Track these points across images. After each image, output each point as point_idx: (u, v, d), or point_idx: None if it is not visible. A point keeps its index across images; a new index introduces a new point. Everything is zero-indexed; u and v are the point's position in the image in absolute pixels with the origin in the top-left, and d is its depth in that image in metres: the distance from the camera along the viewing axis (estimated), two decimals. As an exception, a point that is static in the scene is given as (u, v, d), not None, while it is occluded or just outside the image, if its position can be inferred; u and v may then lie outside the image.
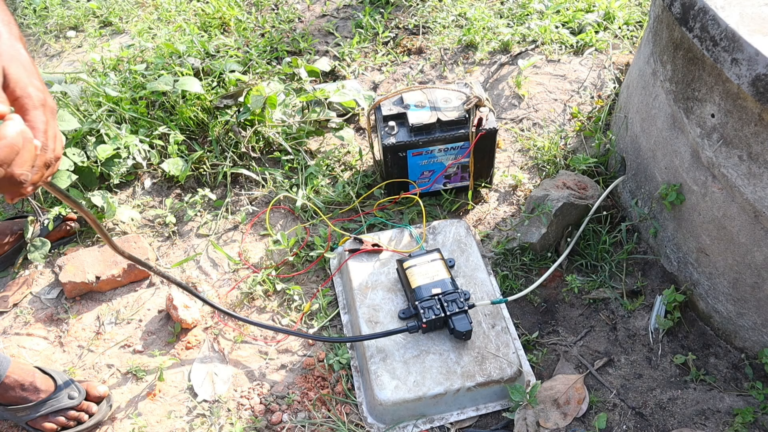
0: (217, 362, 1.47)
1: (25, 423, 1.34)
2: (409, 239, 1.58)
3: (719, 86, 1.21)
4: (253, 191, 1.84)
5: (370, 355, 1.34)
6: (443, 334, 1.37)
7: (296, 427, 1.34)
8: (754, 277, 1.28)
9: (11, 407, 1.31)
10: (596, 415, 1.32)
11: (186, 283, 1.60)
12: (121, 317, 1.58)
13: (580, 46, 2.20)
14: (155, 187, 1.88)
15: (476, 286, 1.46)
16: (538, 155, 1.87)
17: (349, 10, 2.52)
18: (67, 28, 2.59)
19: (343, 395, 1.39)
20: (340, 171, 1.86)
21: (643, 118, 1.57)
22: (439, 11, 2.43)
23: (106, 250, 1.65)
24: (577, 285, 1.55)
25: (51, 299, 1.63)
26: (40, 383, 1.34)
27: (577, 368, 1.42)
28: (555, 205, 1.54)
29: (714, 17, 1.14)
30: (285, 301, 1.58)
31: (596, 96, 2.04)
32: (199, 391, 1.42)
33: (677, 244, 1.48)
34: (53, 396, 1.34)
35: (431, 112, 1.62)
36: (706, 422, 1.31)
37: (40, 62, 2.46)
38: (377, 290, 1.47)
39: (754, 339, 1.36)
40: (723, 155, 1.23)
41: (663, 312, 1.46)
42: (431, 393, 1.29)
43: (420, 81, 2.17)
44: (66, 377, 1.38)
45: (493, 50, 2.24)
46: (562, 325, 1.51)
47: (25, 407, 1.31)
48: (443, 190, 1.75)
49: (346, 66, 2.24)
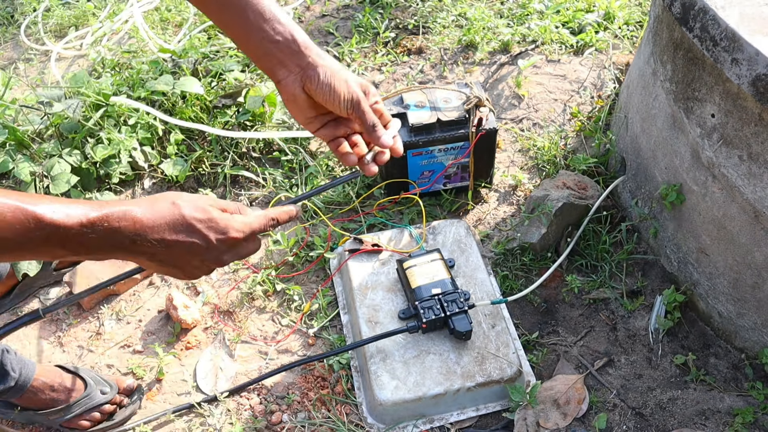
0: (226, 357, 1.47)
1: (59, 425, 1.32)
2: (409, 239, 1.58)
3: (719, 86, 1.21)
4: (253, 191, 1.84)
5: (370, 355, 1.34)
6: (443, 334, 1.37)
7: (296, 428, 1.34)
8: (754, 278, 1.28)
9: (43, 411, 1.28)
10: (596, 416, 1.32)
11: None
12: (121, 317, 1.58)
13: (580, 46, 2.20)
14: (155, 187, 1.88)
15: (476, 286, 1.46)
16: (538, 155, 1.87)
17: (349, 10, 2.52)
18: (66, 28, 2.59)
19: (343, 395, 1.39)
20: (340, 171, 1.86)
21: (643, 118, 1.57)
22: (439, 11, 2.43)
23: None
24: (577, 285, 1.55)
25: (50, 299, 1.63)
26: (69, 383, 1.31)
27: (577, 368, 1.42)
28: (555, 205, 1.54)
29: (714, 17, 1.14)
30: (285, 301, 1.58)
31: (596, 96, 2.04)
32: (200, 383, 1.43)
33: (677, 244, 1.48)
34: (86, 394, 1.31)
35: (431, 112, 1.62)
36: (706, 422, 1.31)
37: (40, 63, 2.46)
38: (377, 290, 1.47)
39: (755, 339, 1.36)
40: (723, 155, 1.23)
41: (663, 312, 1.46)
42: (431, 393, 1.29)
43: (420, 81, 2.17)
44: (92, 373, 1.37)
45: (493, 50, 2.24)
46: (562, 325, 1.50)
47: (59, 409, 1.28)
48: (443, 190, 1.75)
49: (345, 66, 2.24)
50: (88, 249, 0.72)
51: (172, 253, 0.77)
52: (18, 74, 2.39)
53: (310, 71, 0.90)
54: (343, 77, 0.92)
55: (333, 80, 0.91)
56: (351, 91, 0.91)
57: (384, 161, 0.99)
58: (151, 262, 0.78)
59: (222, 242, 0.80)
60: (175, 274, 0.82)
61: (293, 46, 0.89)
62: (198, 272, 0.83)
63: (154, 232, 0.75)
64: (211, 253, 0.80)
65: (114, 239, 0.72)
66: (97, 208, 0.71)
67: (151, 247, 0.75)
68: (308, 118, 0.96)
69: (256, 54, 0.91)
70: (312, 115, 0.96)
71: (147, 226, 0.74)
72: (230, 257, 0.83)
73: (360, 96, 0.92)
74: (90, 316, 1.58)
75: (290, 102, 0.94)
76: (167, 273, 0.82)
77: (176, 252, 0.77)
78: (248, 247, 0.85)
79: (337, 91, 0.90)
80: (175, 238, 0.76)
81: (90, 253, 0.73)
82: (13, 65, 2.45)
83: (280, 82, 0.92)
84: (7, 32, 2.66)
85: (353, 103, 0.92)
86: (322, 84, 0.90)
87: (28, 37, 2.57)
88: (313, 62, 0.91)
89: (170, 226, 0.76)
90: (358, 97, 0.92)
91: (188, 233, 0.77)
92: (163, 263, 0.79)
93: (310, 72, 0.90)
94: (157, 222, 0.75)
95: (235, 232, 0.81)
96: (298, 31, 0.90)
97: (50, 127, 1.89)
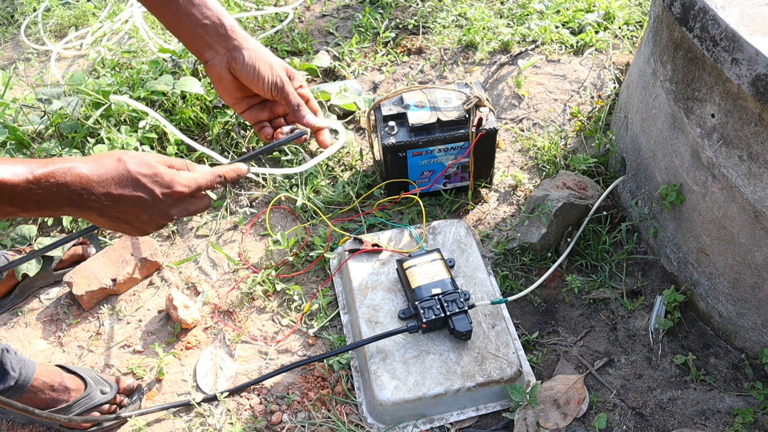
0: (226, 357, 1.47)
1: (59, 425, 1.32)
2: (409, 239, 1.58)
3: (719, 86, 1.21)
4: (253, 191, 1.84)
5: (370, 355, 1.34)
6: (443, 334, 1.37)
7: (296, 428, 1.34)
8: (754, 277, 1.28)
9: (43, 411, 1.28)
10: (596, 416, 1.32)
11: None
12: (121, 317, 1.58)
13: (580, 46, 2.20)
14: (155, 187, 1.88)
15: (476, 286, 1.46)
16: (538, 155, 1.87)
17: (349, 10, 2.52)
18: (66, 28, 2.59)
19: (343, 395, 1.39)
20: (340, 171, 1.86)
21: (643, 118, 1.57)
22: (439, 11, 2.43)
23: (109, 253, 1.64)
24: (577, 285, 1.55)
25: (50, 299, 1.62)
26: (69, 383, 1.31)
27: (577, 368, 1.42)
28: (555, 205, 1.54)
29: (714, 17, 1.14)
30: (285, 301, 1.58)
31: (596, 96, 2.04)
32: (200, 383, 1.43)
33: (677, 244, 1.48)
34: (85, 394, 1.31)
35: (431, 112, 1.62)
36: (706, 422, 1.31)
37: (40, 64, 2.46)
38: (377, 290, 1.47)
39: (755, 339, 1.36)
40: (723, 155, 1.23)
41: (663, 312, 1.46)
42: (431, 393, 1.29)
43: (420, 81, 2.17)
44: (92, 372, 1.37)
45: (493, 50, 2.24)
46: (562, 325, 1.50)
47: (58, 410, 1.28)
48: (443, 190, 1.75)
49: (345, 66, 2.24)
50: (37, 205, 0.75)
51: (120, 208, 0.80)
52: (18, 74, 2.39)
53: (235, 53, 0.95)
54: (267, 60, 0.97)
55: (257, 63, 0.96)
56: (275, 74, 0.97)
57: (302, 140, 1.04)
58: (101, 218, 0.81)
59: (168, 196, 0.83)
60: (126, 230, 0.85)
61: (220, 30, 0.95)
62: (147, 227, 0.85)
63: (100, 186, 0.78)
64: (157, 207, 0.83)
65: (61, 194, 0.75)
66: (43, 165, 0.74)
67: (98, 202, 0.78)
68: (235, 98, 1.02)
69: (186, 37, 0.96)
70: (239, 96, 1.01)
71: (93, 181, 0.77)
72: (177, 212, 0.86)
73: (284, 79, 0.98)
74: (90, 316, 1.58)
75: (217, 83, 0.99)
76: (118, 229, 0.85)
77: (123, 207, 0.80)
78: (196, 203, 0.88)
79: (261, 73, 0.96)
80: (120, 192, 0.79)
81: (40, 208, 0.75)
82: (13, 65, 2.45)
83: (207, 63, 0.97)
84: (7, 32, 2.66)
85: (277, 85, 0.97)
86: (246, 66, 0.95)
87: (28, 37, 2.57)
88: (239, 45, 0.96)
89: (116, 181, 0.79)
90: (282, 80, 0.98)
91: (134, 187, 0.80)
92: (113, 219, 0.81)
93: (235, 54, 0.95)
94: (103, 177, 0.78)
95: (181, 187, 0.84)
96: (226, 16, 0.95)
97: (50, 127, 1.89)
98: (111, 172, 0.79)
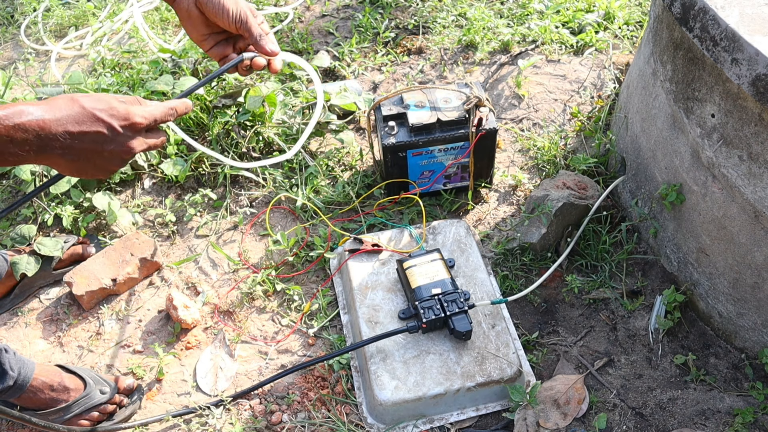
0: (226, 357, 1.47)
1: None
2: (409, 239, 1.58)
3: (719, 86, 1.21)
4: (253, 191, 1.84)
5: (370, 355, 1.34)
6: (443, 334, 1.37)
7: (296, 428, 1.34)
8: (754, 277, 1.28)
9: (42, 411, 1.27)
10: (596, 416, 1.32)
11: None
12: (121, 317, 1.58)
13: (580, 46, 2.20)
14: (155, 187, 1.88)
15: (476, 286, 1.46)
16: (538, 155, 1.87)
17: (349, 10, 2.53)
18: (66, 28, 2.59)
19: (343, 395, 1.39)
20: (340, 171, 1.86)
21: (643, 118, 1.57)
22: (439, 11, 2.43)
23: (109, 253, 1.64)
24: (577, 285, 1.55)
25: (50, 299, 1.62)
26: (68, 382, 1.31)
27: (577, 368, 1.42)
28: (555, 205, 1.54)
29: (714, 17, 1.14)
30: (285, 301, 1.58)
31: (596, 96, 2.04)
32: (200, 383, 1.43)
33: (677, 244, 1.48)
34: (85, 394, 1.31)
35: (431, 112, 1.62)
36: (706, 422, 1.31)
37: (40, 64, 2.46)
38: (377, 290, 1.47)
39: (754, 339, 1.36)
40: (723, 155, 1.23)
41: (663, 312, 1.46)
42: (431, 393, 1.29)
43: (420, 81, 2.17)
44: (92, 372, 1.37)
45: (493, 50, 2.24)
46: (562, 325, 1.50)
47: (58, 410, 1.28)
48: (443, 190, 1.75)
49: (345, 66, 2.24)
50: None
51: (81, 146, 0.80)
52: (18, 74, 2.39)
53: None
54: None
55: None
56: (239, 8, 1.04)
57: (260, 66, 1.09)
58: (63, 160, 0.81)
59: (127, 128, 0.84)
60: (90, 171, 0.85)
61: None
62: (110, 165, 0.86)
63: (58, 125, 0.78)
64: (118, 139, 0.83)
65: (18, 137, 0.75)
66: None
67: (58, 142, 0.78)
68: (202, 35, 1.08)
69: None
70: (205, 32, 1.08)
71: (49, 121, 0.77)
72: (139, 144, 0.87)
73: (247, 13, 1.05)
74: (90, 316, 1.58)
75: (185, 20, 1.06)
76: (82, 172, 0.85)
77: (84, 144, 0.81)
78: (154, 136, 0.90)
79: (226, 7, 1.03)
80: (79, 129, 0.79)
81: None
82: (13, 65, 2.45)
83: (175, 2, 1.04)
84: (7, 32, 2.66)
85: (241, 18, 1.04)
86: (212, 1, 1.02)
87: (28, 37, 2.57)
88: None
89: (73, 119, 0.79)
90: (246, 13, 1.05)
91: (92, 122, 0.80)
92: (75, 159, 0.81)
93: None
94: (58, 116, 0.78)
95: (139, 118, 0.85)
96: None
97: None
98: (65, 110, 0.79)
